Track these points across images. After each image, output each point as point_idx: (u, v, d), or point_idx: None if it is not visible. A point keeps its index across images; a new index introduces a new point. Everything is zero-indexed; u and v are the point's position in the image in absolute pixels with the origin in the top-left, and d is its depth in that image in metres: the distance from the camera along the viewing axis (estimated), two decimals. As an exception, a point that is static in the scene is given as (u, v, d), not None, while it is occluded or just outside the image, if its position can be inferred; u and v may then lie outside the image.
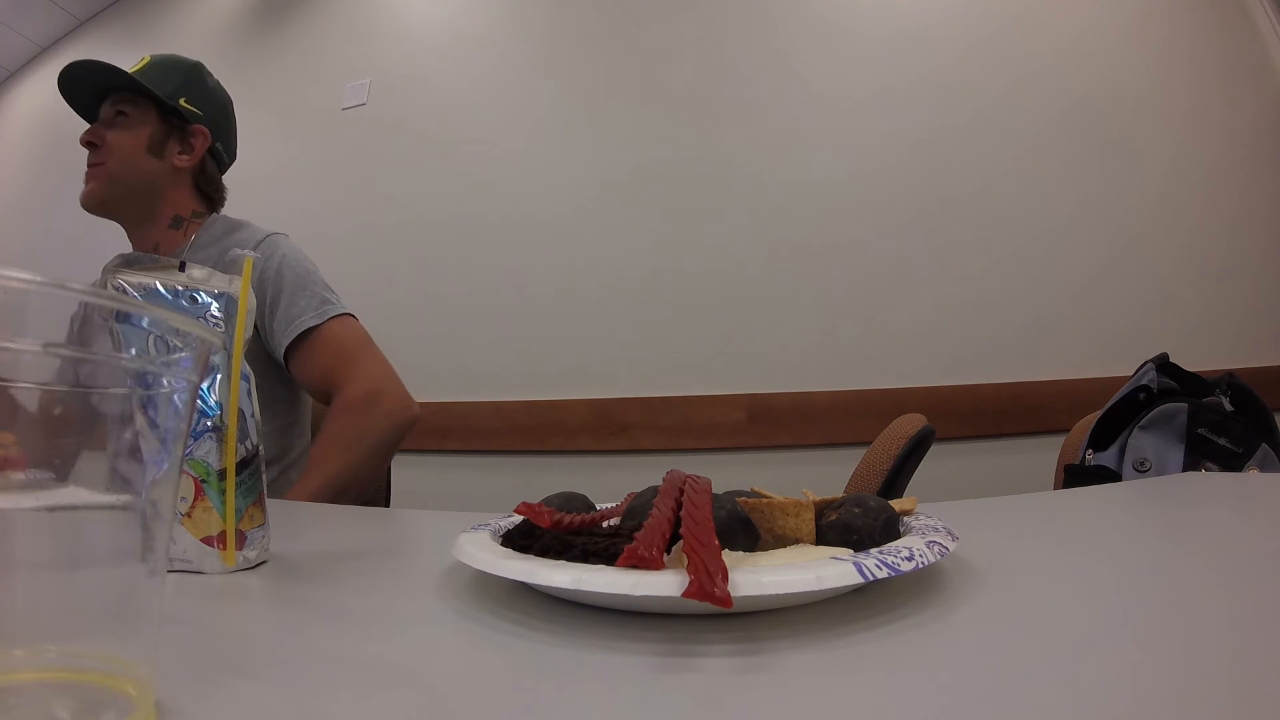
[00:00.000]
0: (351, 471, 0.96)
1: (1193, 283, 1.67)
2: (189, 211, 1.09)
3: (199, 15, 2.51)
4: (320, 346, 1.00)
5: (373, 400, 0.99)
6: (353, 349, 1.02)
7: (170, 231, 1.08)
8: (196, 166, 1.09)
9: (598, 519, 0.42)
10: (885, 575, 0.31)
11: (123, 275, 0.49)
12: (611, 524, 0.43)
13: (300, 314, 1.00)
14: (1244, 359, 1.54)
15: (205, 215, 1.11)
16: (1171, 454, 1.05)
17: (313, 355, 1.00)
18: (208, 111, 1.09)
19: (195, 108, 1.08)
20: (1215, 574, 0.39)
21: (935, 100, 1.81)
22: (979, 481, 1.61)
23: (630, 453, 1.79)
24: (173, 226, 1.08)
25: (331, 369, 1.00)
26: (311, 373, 1.01)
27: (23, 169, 2.75)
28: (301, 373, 1.02)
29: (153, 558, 0.23)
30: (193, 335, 0.24)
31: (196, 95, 1.08)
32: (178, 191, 1.08)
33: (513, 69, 2.10)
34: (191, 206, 1.10)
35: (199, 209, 1.11)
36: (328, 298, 1.04)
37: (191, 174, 1.09)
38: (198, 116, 1.08)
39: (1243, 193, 1.69)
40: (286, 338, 1.00)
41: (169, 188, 1.07)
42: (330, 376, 1.00)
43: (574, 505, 0.44)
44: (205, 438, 0.47)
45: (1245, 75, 1.74)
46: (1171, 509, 0.65)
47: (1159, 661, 0.27)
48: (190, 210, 1.09)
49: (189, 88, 1.07)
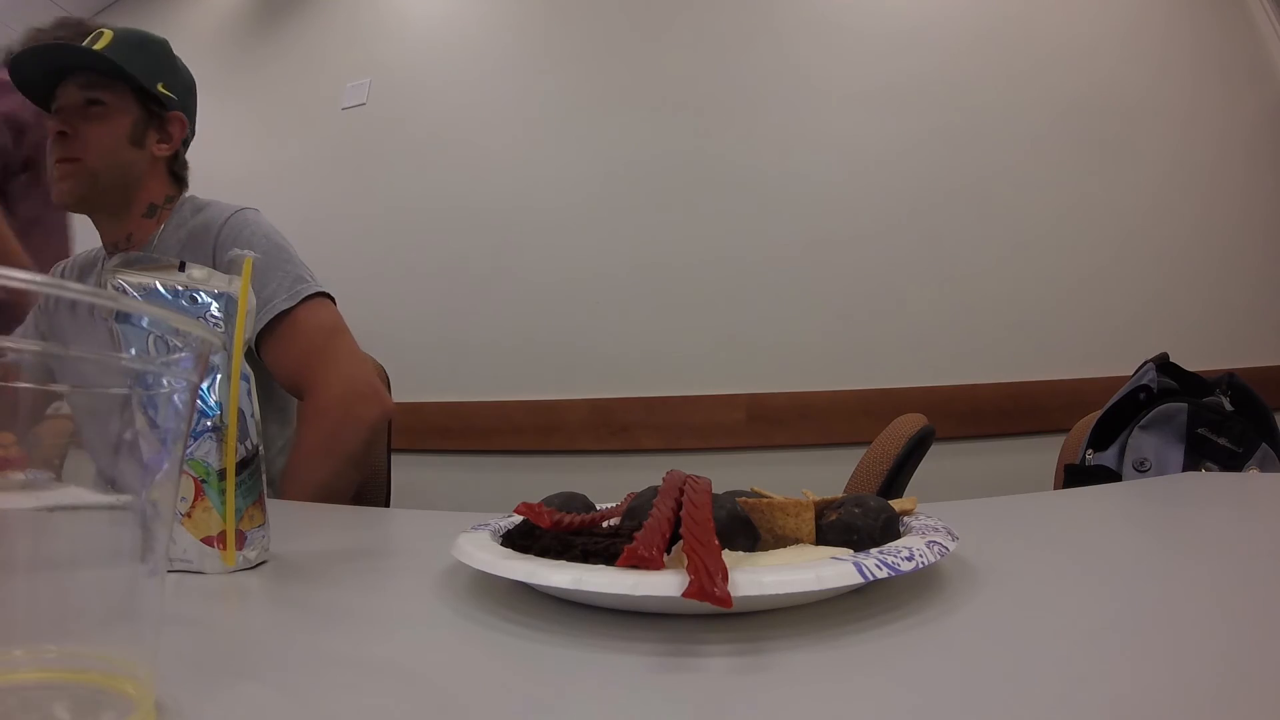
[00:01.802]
0: (329, 482, 0.93)
1: (1192, 282, 1.67)
2: (162, 198, 1.05)
3: (198, 15, 2.51)
4: (292, 337, 0.95)
5: (346, 404, 0.95)
6: (323, 342, 0.96)
7: (144, 220, 1.03)
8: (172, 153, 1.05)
9: (598, 519, 0.42)
10: (885, 575, 0.31)
11: (122, 275, 0.49)
12: (611, 524, 0.43)
13: (272, 296, 0.95)
14: (1244, 359, 1.54)
15: (176, 198, 1.07)
16: (1171, 454, 1.05)
17: (284, 345, 0.95)
18: (180, 95, 1.04)
19: (171, 92, 1.02)
20: (1215, 574, 0.39)
21: (937, 99, 1.80)
22: (979, 481, 1.61)
23: (630, 453, 1.79)
24: (147, 215, 1.03)
25: (303, 364, 0.95)
26: (284, 364, 0.96)
27: (22, 169, 2.75)
28: (274, 363, 0.96)
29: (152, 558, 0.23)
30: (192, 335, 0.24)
31: (171, 78, 1.03)
32: (154, 180, 1.03)
33: (512, 68, 2.10)
34: (165, 192, 1.05)
35: (171, 193, 1.06)
36: (301, 275, 0.99)
37: (166, 160, 1.05)
38: (174, 102, 1.03)
39: (1242, 192, 1.69)
40: (259, 323, 0.94)
41: (147, 178, 1.02)
42: (302, 372, 0.95)
43: (574, 505, 0.44)
44: (205, 438, 0.47)
45: (1245, 74, 1.74)
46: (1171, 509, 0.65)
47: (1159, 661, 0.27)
48: (164, 196, 1.05)
49: (165, 71, 1.02)
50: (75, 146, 0.95)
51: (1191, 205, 1.70)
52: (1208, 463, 1.02)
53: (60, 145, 0.95)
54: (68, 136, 0.95)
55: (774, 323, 1.80)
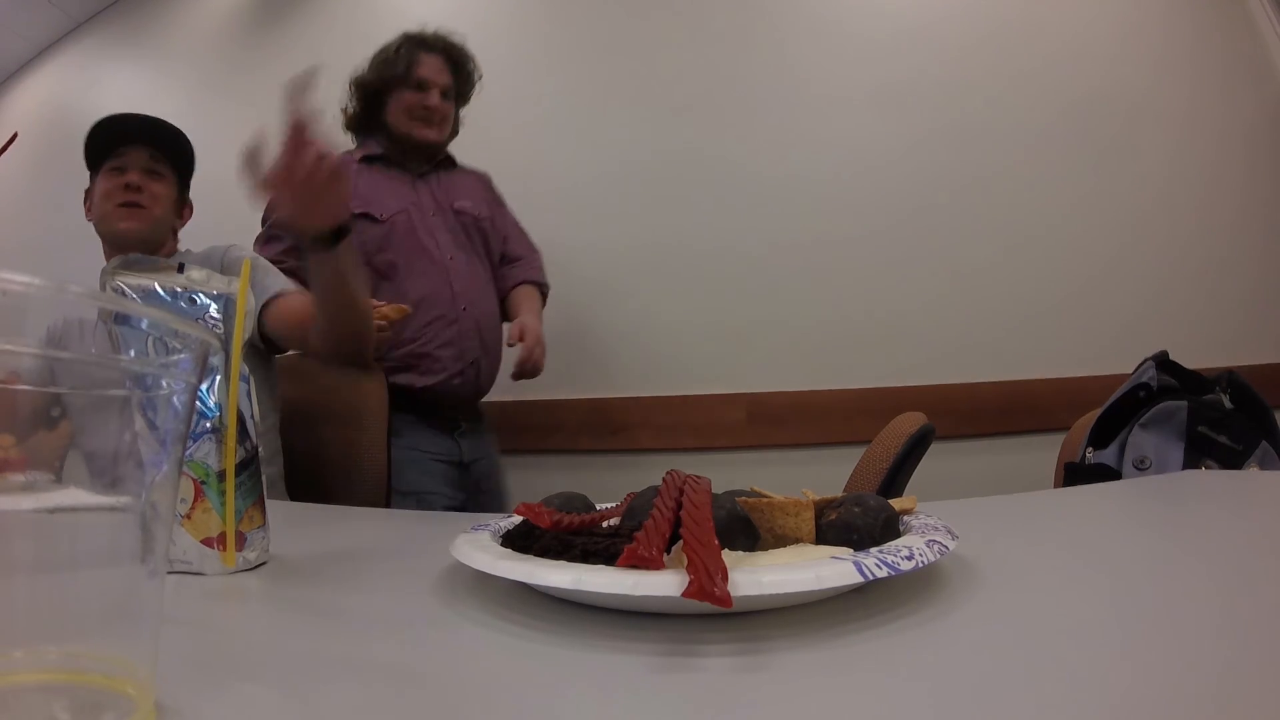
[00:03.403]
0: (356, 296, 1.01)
1: (1192, 280, 1.67)
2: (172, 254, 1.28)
3: (198, 16, 2.50)
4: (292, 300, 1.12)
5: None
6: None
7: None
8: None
9: (598, 519, 0.42)
10: (885, 575, 0.31)
11: (121, 277, 0.49)
12: (611, 524, 0.43)
13: (272, 285, 1.14)
14: (1244, 356, 1.54)
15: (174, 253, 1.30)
16: (1172, 452, 1.05)
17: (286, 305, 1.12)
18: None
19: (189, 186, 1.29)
20: (1215, 573, 0.39)
21: (937, 98, 1.80)
22: (979, 480, 1.61)
23: (630, 453, 1.79)
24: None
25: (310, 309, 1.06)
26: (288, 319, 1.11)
27: (21, 169, 2.75)
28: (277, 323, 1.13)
29: (152, 559, 0.23)
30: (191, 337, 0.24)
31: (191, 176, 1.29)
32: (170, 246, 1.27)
33: (511, 68, 2.09)
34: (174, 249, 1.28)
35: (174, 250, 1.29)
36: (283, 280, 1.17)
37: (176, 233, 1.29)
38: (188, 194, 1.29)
39: (1242, 191, 1.69)
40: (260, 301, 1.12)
41: (169, 242, 1.26)
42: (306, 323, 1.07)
43: (574, 505, 0.44)
44: (204, 439, 0.47)
45: (1245, 73, 1.73)
46: (1171, 507, 0.65)
47: (1159, 660, 0.27)
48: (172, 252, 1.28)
49: (192, 169, 1.27)
50: (143, 196, 1.17)
51: (1191, 204, 1.70)
52: (1208, 461, 1.02)
53: (129, 192, 1.16)
54: (139, 189, 1.16)
55: (774, 322, 1.79)
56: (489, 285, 1.52)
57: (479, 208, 1.54)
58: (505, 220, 1.63)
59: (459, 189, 1.54)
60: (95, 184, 1.20)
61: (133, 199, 1.17)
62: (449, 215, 1.48)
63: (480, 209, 1.54)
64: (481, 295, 1.47)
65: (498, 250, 1.58)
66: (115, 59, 2.60)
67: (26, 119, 2.80)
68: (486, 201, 1.58)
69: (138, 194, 1.17)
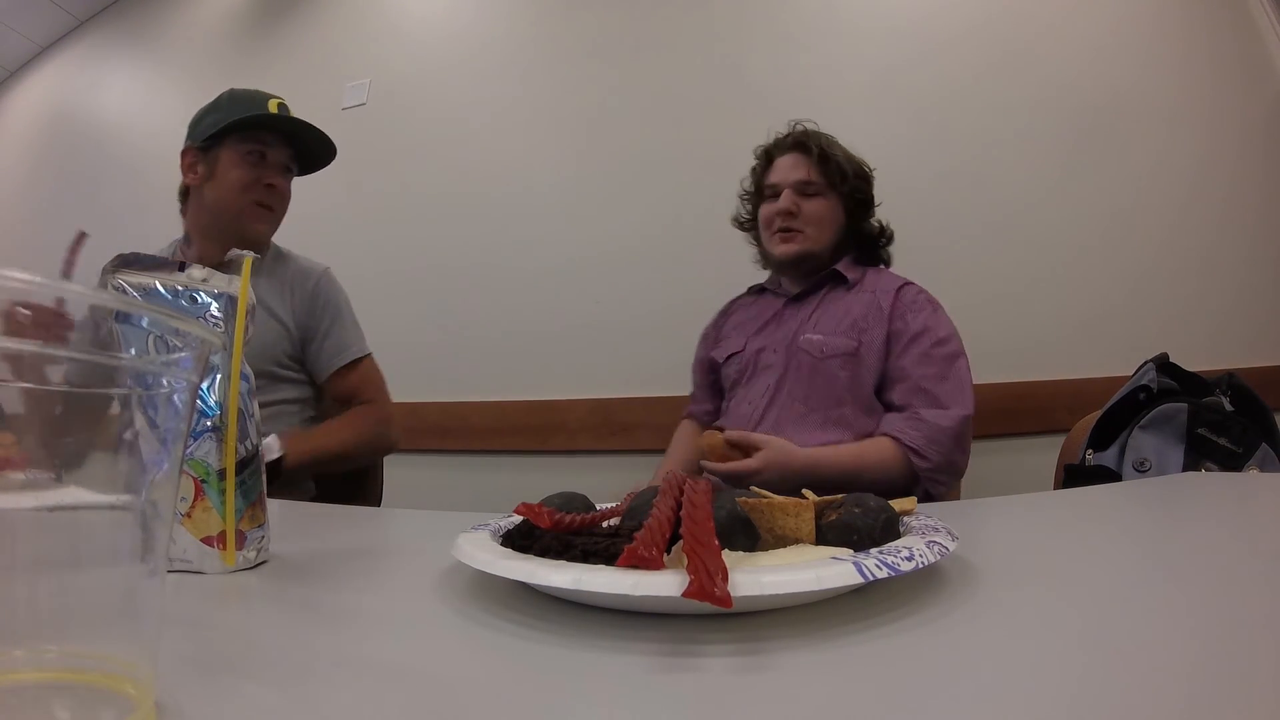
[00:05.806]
0: (344, 451, 1.15)
1: (1193, 282, 1.67)
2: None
3: (199, 16, 2.50)
4: (359, 373, 1.22)
5: (386, 424, 1.23)
6: (380, 383, 1.26)
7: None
8: None
9: (598, 519, 0.42)
10: (885, 575, 0.31)
11: (122, 275, 0.49)
12: (611, 524, 0.43)
13: (349, 344, 1.22)
14: (1244, 359, 1.54)
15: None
16: (1172, 454, 1.05)
17: (352, 377, 1.22)
18: None
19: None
20: (1215, 574, 0.39)
21: (937, 97, 1.80)
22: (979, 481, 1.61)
23: (630, 453, 1.78)
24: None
25: (362, 389, 1.22)
26: (345, 390, 1.21)
27: (22, 169, 2.75)
28: (336, 388, 1.21)
29: (152, 558, 0.23)
30: (192, 335, 0.24)
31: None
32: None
33: (512, 68, 2.10)
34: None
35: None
36: (361, 334, 1.26)
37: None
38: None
39: (1243, 192, 1.69)
40: (337, 361, 1.20)
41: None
42: (361, 393, 1.22)
43: (574, 505, 0.44)
44: (205, 438, 0.47)
45: (1245, 73, 1.73)
46: (1171, 509, 0.65)
47: (1158, 660, 0.27)
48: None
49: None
50: (279, 199, 1.18)
51: (1192, 205, 1.70)
52: (1208, 463, 1.02)
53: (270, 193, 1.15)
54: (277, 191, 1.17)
55: (774, 323, 1.79)
56: None
57: None
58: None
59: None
60: (218, 155, 1.12)
61: (270, 201, 1.15)
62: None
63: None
64: None
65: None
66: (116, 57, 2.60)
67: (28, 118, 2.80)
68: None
69: (274, 195, 1.15)
